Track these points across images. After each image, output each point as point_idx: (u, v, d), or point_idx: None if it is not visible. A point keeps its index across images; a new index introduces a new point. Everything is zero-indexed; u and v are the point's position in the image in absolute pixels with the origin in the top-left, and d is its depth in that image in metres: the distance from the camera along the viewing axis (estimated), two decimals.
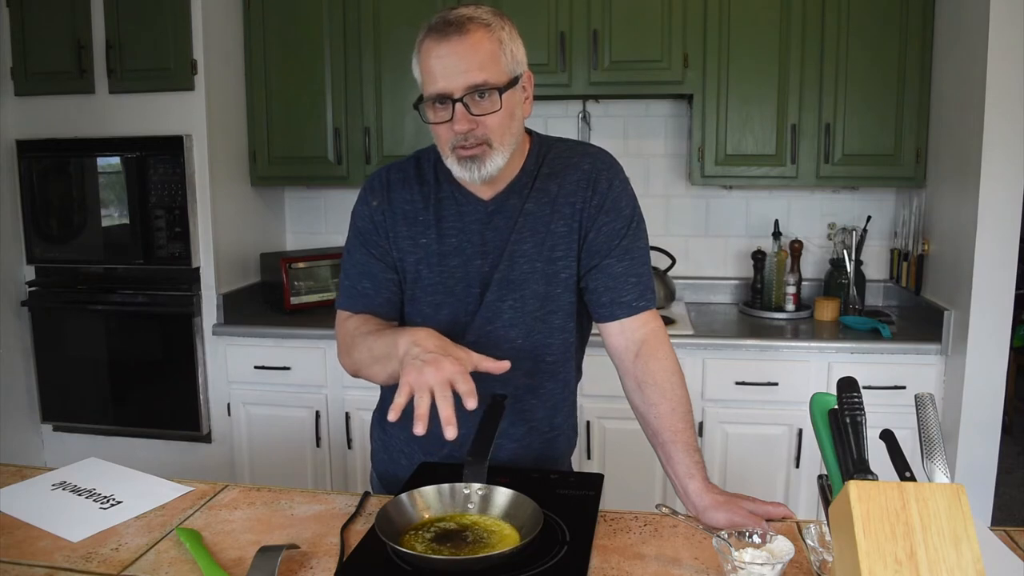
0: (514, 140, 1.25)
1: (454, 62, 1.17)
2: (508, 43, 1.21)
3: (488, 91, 1.18)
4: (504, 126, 1.21)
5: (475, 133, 1.20)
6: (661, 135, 3.08)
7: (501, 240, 1.30)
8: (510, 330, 1.32)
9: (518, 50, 1.23)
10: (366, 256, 1.35)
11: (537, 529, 1.03)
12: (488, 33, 1.18)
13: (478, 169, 1.22)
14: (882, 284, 3.03)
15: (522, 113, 1.26)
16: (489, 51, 1.18)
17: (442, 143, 1.24)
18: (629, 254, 1.33)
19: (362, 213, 1.37)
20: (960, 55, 2.43)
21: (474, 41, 1.17)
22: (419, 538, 1.08)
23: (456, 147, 1.21)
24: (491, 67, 1.18)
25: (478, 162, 1.22)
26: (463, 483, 1.16)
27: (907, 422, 1.22)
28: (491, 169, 1.23)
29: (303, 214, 3.35)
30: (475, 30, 1.17)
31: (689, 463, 1.22)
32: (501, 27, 1.20)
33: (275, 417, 2.79)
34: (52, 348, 2.91)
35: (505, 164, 1.24)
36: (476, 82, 1.17)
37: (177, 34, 2.68)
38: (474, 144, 1.20)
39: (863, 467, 0.91)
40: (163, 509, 1.27)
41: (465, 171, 1.23)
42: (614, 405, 2.10)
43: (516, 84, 1.22)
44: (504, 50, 1.20)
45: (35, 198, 2.85)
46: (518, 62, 1.23)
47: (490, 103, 1.19)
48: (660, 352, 1.31)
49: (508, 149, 1.24)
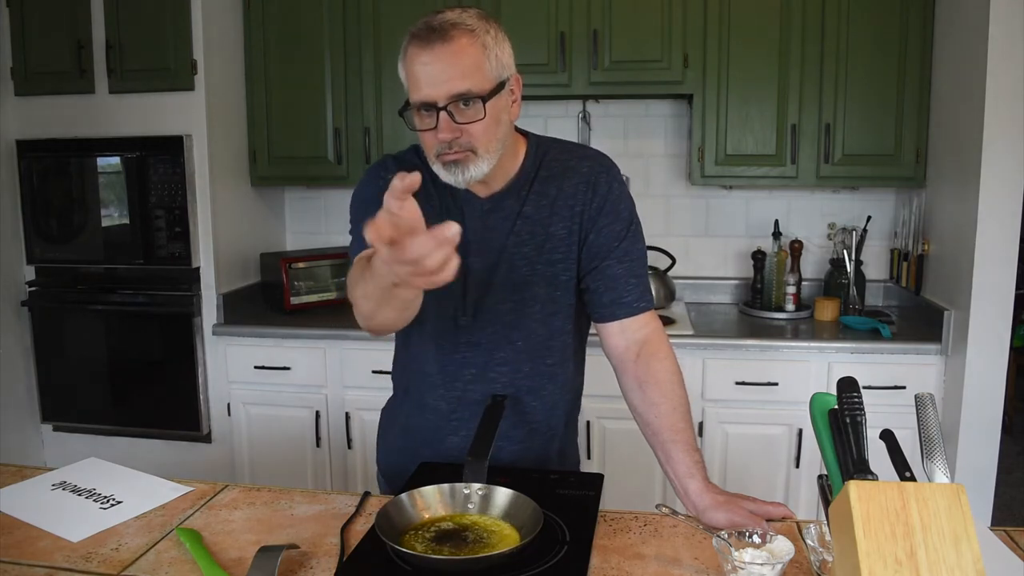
0: (501, 145, 1.24)
1: (438, 70, 1.15)
2: (493, 48, 1.19)
3: (472, 100, 1.17)
4: (489, 133, 1.20)
5: (459, 141, 1.19)
6: (661, 135, 3.08)
7: (497, 241, 1.30)
8: (511, 332, 1.32)
9: (504, 54, 1.21)
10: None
11: (537, 529, 1.03)
12: (472, 39, 1.17)
13: (462, 173, 1.21)
14: (882, 284, 3.03)
15: (509, 117, 1.25)
16: (473, 58, 1.16)
17: (428, 148, 1.23)
18: (629, 255, 1.33)
19: (373, 184, 1.31)
20: (960, 55, 2.43)
21: (457, 48, 1.15)
22: (419, 538, 1.08)
23: (440, 153, 1.21)
24: (475, 75, 1.16)
25: (461, 167, 1.21)
26: (463, 483, 1.16)
27: (907, 422, 1.22)
28: (475, 173, 1.22)
29: (303, 214, 3.35)
30: (459, 36, 1.16)
31: (689, 463, 1.22)
32: (486, 31, 1.19)
33: (275, 417, 2.79)
34: (52, 348, 2.91)
35: (492, 168, 1.23)
36: (459, 91, 1.16)
37: (177, 34, 2.68)
38: (458, 151, 1.19)
39: (863, 467, 0.91)
40: (163, 509, 1.27)
41: (450, 175, 1.22)
42: (614, 405, 2.09)
43: (502, 89, 1.21)
44: (489, 56, 1.18)
45: (35, 198, 2.84)
46: (504, 66, 1.21)
47: (474, 111, 1.18)
48: (661, 352, 1.32)
49: (494, 155, 1.23)
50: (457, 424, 1.36)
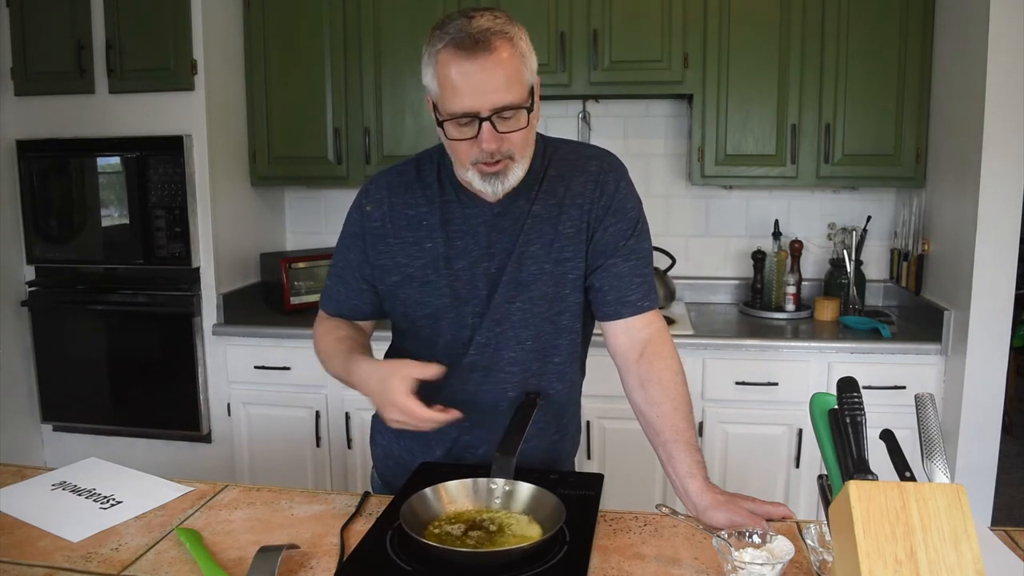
0: (532, 149, 1.27)
1: (481, 79, 1.14)
2: (528, 55, 1.19)
3: (515, 110, 1.17)
4: (526, 139, 1.22)
5: (500, 149, 1.19)
6: (661, 135, 3.08)
7: (508, 242, 1.30)
8: (520, 331, 1.32)
9: (534, 60, 1.21)
10: (346, 261, 1.39)
11: (560, 524, 1.06)
12: (512, 49, 1.16)
13: (501, 183, 1.22)
14: (882, 284, 3.03)
15: (536, 121, 1.26)
16: (515, 68, 1.16)
17: (462, 158, 1.22)
18: (635, 254, 1.33)
19: (353, 218, 1.38)
20: (960, 55, 2.43)
21: (500, 59, 1.14)
22: (442, 531, 1.10)
23: (479, 163, 1.21)
24: (516, 86, 1.16)
25: (501, 177, 1.22)
26: (489, 478, 1.18)
27: (907, 422, 1.22)
28: (512, 181, 1.23)
29: (303, 214, 3.35)
30: (501, 47, 1.14)
31: (690, 462, 1.22)
32: (521, 38, 1.18)
33: (275, 417, 2.79)
34: (52, 348, 2.91)
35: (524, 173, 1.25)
36: (504, 103, 1.15)
37: (177, 34, 2.68)
38: (500, 160, 1.20)
39: (863, 467, 0.91)
40: (163, 509, 1.27)
41: (488, 186, 1.23)
42: (614, 405, 2.10)
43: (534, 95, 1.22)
44: (526, 64, 1.18)
45: (35, 198, 2.85)
46: (534, 72, 1.22)
47: (516, 120, 1.18)
48: (665, 352, 1.32)
49: (528, 159, 1.25)
50: (469, 425, 1.35)
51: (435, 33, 1.17)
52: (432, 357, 1.32)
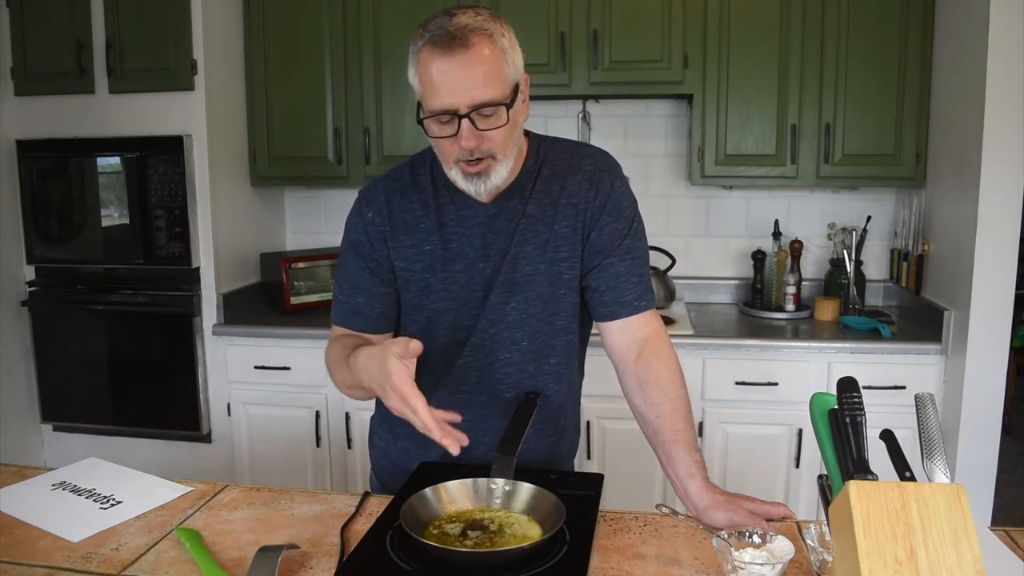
0: (516, 147, 1.24)
1: (459, 76, 1.13)
2: (510, 52, 1.18)
3: (494, 106, 1.16)
4: (508, 137, 1.20)
5: (480, 147, 1.18)
6: (661, 135, 3.08)
7: (503, 243, 1.29)
8: (515, 332, 1.32)
9: (518, 57, 1.20)
10: (360, 269, 1.35)
11: (560, 523, 1.06)
12: (492, 46, 1.15)
13: (483, 184, 1.21)
14: (882, 284, 3.03)
15: (522, 119, 1.25)
16: (494, 65, 1.14)
17: (446, 156, 1.22)
18: (631, 254, 1.33)
19: (357, 225, 1.35)
20: (960, 55, 2.43)
21: (479, 55, 1.13)
22: (442, 531, 1.10)
23: (460, 161, 1.20)
24: (496, 83, 1.15)
25: (483, 177, 1.21)
26: (489, 478, 1.18)
27: (907, 422, 1.22)
28: (496, 181, 1.22)
29: (303, 214, 3.35)
30: (480, 43, 1.13)
31: (690, 462, 1.22)
32: (502, 34, 1.17)
33: (275, 417, 2.79)
34: (52, 348, 2.91)
35: (508, 172, 1.24)
36: (483, 100, 1.14)
37: (177, 34, 2.68)
38: (479, 159, 1.19)
39: (863, 467, 0.91)
40: (163, 509, 1.27)
41: (471, 186, 1.22)
42: (614, 405, 2.10)
43: (518, 92, 1.20)
44: (507, 60, 1.17)
45: (35, 198, 2.85)
46: (518, 68, 1.20)
47: (496, 118, 1.17)
48: (663, 351, 1.31)
49: (511, 158, 1.23)
50: (465, 426, 1.34)
51: (418, 31, 1.18)
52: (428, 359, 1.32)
